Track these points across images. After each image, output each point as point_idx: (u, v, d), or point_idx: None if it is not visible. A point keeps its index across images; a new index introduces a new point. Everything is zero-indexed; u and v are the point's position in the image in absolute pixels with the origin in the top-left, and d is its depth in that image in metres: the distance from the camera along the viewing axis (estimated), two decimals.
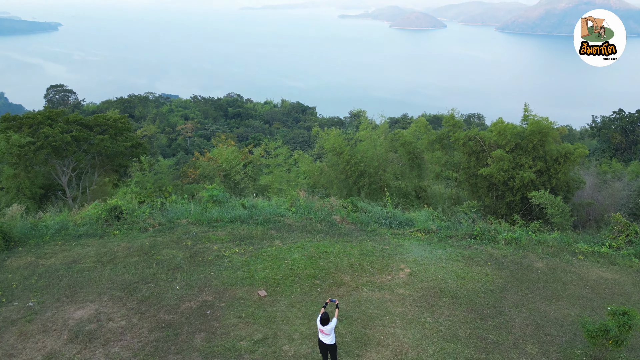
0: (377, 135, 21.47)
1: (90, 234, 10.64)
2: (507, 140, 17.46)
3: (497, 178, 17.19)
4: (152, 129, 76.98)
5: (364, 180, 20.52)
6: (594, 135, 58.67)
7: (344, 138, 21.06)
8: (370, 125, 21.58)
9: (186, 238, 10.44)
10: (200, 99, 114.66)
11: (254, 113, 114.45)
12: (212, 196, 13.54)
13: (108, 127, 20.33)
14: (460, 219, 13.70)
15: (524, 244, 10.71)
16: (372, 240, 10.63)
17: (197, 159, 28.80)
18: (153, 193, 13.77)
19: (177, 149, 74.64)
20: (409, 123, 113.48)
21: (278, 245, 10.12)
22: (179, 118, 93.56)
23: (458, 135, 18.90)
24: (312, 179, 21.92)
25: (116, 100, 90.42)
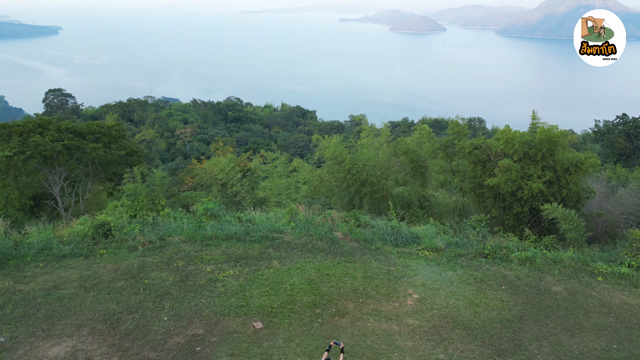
0: (379, 142, 20.83)
1: (75, 253, 9.95)
2: (514, 149, 16.81)
3: (505, 189, 16.53)
4: (151, 133, 76.43)
5: (366, 189, 19.86)
6: (597, 140, 58.07)
7: (345, 146, 20.42)
8: (372, 132, 20.94)
9: (177, 258, 9.75)
10: (199, 102, 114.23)
11: (254, 117, 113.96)
12: (207, 210, 12.86)
13: (102, 135, 19.68)
14: (468, 234, 13.04)
15: (539, 264, 10.02)
16: (377, 260, 9.94)
17: (195, 166, 28.18)
18: (145, 206, 13.08)
19: (176, 154, 74.03)
20: (410, 127, 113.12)
21: (276, 267, 9.43)
22: (178, 122, 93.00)
23: (463, 143, 18.24)
24: (312, 187, 21.28)
25: (115, 104, 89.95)
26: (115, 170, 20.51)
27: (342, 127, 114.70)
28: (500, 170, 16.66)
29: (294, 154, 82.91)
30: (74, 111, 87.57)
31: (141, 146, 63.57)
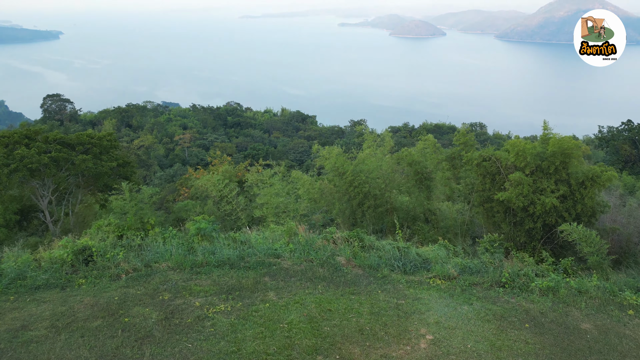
0: (382, 153, 19.95)
1: (51, 284, 9.02)
2: (526, 162, 15.92)
3: (516, 204, 15.62)
4: (149, 139, 75.68)
5: (369, 202, 18.96)
6: (602, 146, 57.24)
7: (346, 157, 19.55)
8: (375, 143, 20.07)
9: (164, 289, 8.82)
10: (199, 107, 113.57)
11: (254, 122, 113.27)
12: (200, 230, 11.95)
13: (92, 145, 18.79)
14: (481, 256, 12.13)
15: (563, 295, 9.09)
16: (384, 291, 9.01)
17: (191, 176, 27.29)
18: (134, 225, 12.16)
19: (175, 160, 73.24)
20: (410, 132, 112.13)
21: (272, 300, 8.50)
22: (177, 128, 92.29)
23: (471, 155, 17.36)
24: (312, 200, 20.39)
25: (114, 109, 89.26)
26: (106, 182, 19.60)
27: (343, 132, 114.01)
28: (511, 185, 15.76)
29: (294, 160, 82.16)
30: (72, 117, 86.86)
31: (135, 157, 62.79)
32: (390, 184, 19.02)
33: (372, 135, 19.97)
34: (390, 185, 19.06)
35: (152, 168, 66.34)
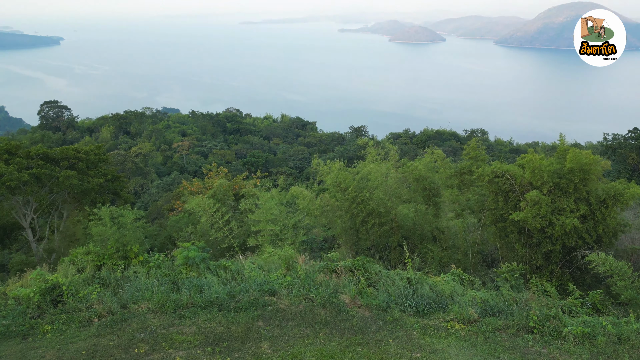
0: (386, 167, 18.79)
1: (11, 332, 7.82)
2: (543, 180, 14.76)
3: (533, 225, 14.45)
4: (147, 146, 74.62)
5: (373, 220, 17.77)
6: (608, 155, 56.08)
7: (348, 172, 18.38)
8: (379, 156, 18.91)
9: (140, 339, 7.61)
10: (198, 114, 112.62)
11: (253, 128, 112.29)
12: (187, 259, 10.77)
13: (78, 160, 17.63)
14: (499, 287, 10.95)
15: (602, 343, 7.88)
16: (396, 340, 7.80)
17: (185, 189, 26.13)
18: (115, 254, 10.97)
19: (173, 167, 72.12)
20: (411, 138, 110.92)
21: (266, 353, 7.29)
22: (176, 134, 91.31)
23: (482, 171, 16.18)
24: (313, 218, 19.20)
25: (112, 116, 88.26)
26: (93, 198, 18.41)
27: (343, 138, 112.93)
28: (527, 204, 14.59)
29: (294, 167, 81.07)
30: (69, 123, 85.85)
31: (132, 165, 61.76)
32: (396, 200, 17.82)
33: (375, 149, 18.77)
34: (396, 202, 17.86)
35: (149, 176, 65.24)
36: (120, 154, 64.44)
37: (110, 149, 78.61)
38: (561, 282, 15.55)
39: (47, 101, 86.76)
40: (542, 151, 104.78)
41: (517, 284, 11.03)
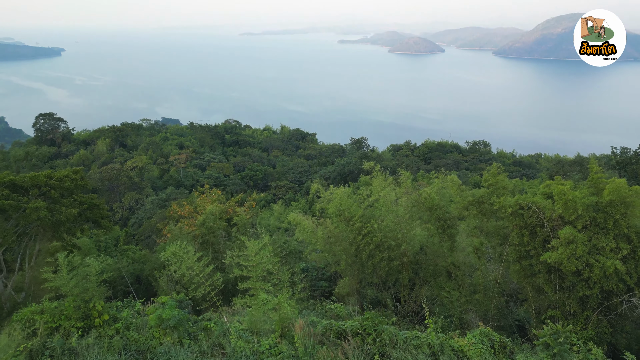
0: (396, 194, 16.92)
1: None
2: (577, 215, 12.90)
3: (568, 267, 12.55)
4: (143, 159, 72.87)
5: (381, 254, 15.87)
6: (618, 170, 54.35)
7: (354, 200, 16.53)
8: (387, 182, 17.04)
9: None
10: (196, 125, 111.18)
11: (252, 140, 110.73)
12: (162, 321, 8.85)
13: (50, 188, 15.75)
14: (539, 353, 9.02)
15: None
16: None
17: (175, 212, 24.25)
18: (74, 314, 9.04)
19: (169, 181, 70.24)
20: (412, 150, 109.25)
21: None
22: (174, 147, 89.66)
23: (504, 201, 14.33)
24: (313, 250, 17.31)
25: (108, 128, 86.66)
26: (68, 229, 16.48)
27: (343, 150, 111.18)
28: (560, 243, 12.71)
29: (293, 181, 79.18)
30: (65, 136, 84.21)
31: (126, 180, 59.92)
32: (408, 233, 15.91)
33: (383, 174, 16.91)
34: (408, 234, 15.94)
35: (144, 191, 63.38)
36: (115, 167, 62.66)
37: (105, 162, 76.88)
38: (598, 330, 13.61)
39: (43, 113, 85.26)
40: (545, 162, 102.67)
41: (562, 352, 9.09)
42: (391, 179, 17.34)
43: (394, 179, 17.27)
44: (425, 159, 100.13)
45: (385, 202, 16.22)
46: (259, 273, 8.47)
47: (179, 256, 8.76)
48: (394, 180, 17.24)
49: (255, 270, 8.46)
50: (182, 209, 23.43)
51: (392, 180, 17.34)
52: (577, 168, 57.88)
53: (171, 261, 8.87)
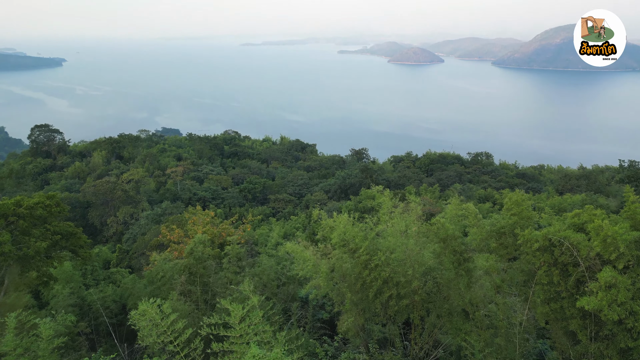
0: (406, 222, 15.26)
1: None
2: (619, 253, 11.23)
3: (610, 316, 10.84)
4: (139, 172, 71.28)
5: (391, 291, 14.15)
6: (630, 184, 52.74)
7: (359, 229, 14.86)
8: (397, 208, 15.39)
9: None
10: (195, 137, 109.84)
11: (252, 151, 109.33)
12: None
13: (18, 217, 14.07)
14: None
15: None
16: None
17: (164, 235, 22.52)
18: None
19: (166, 194, 68.54)
20: (414, 161, 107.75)
21: None
22: (171, 159, 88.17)
23: (530, 235, 12.65)
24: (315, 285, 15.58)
25: (104, 140, 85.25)
26: (39, 264, 14.74)
27: (344, 162, 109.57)
28: (599, 287, 11.01)
29: (293, 194, 77.44)
30: (60, 148, 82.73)
31: (121, 194, 58.21)
32: (419, 268, 14.18)
33: (392, 200, 15.23)
34: (419, 269, 14.21)
35: (140, 205, 61.68)
36: (110, 181, 61.02)
37: (101, 175, 75.28)
38: None
39: (38, 125, 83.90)
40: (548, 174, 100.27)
41: None
42: (402, 205, 15.67)
43: (404, 204, 15.60)
44: (426, 171, 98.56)
45: (393, 232, 14.55)
46: (244, 347, 6.74)
47: (151, 317, 7.06)
48: (404, 205, 15.57)
49: (240, 342, 6.75)
50: (171, 233, 21.71)
51: (402, 207, 15.67)
52: (585, 182, 56.33)
53: (140, 325, 7.17)
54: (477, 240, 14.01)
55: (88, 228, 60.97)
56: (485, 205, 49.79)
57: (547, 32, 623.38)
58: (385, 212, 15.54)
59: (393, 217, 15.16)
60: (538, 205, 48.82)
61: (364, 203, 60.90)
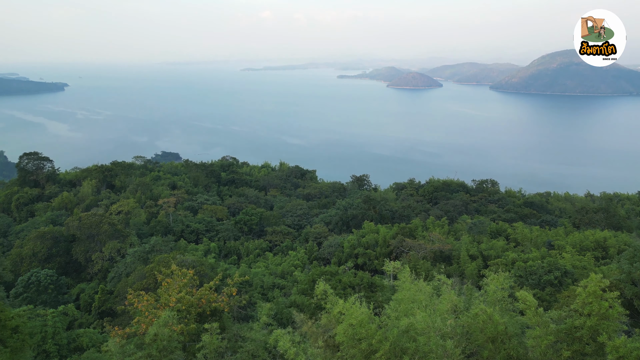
0: (437, 314, 11.47)
1: None
2: None
3: None
4: (130, 203, 67.40)
5: None
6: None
7: (377, 324, 11.08)
8: (425, 295, 11.64)
9: None
10: (191, 164, 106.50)
11: (249, 178, 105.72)
12: None
13: None
14: None
15: None
16: None
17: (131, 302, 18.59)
18: None
19: (157, 227, 64.44)
20: (417, 189, 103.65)
21: None
22: (165, 187, 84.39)
23: (622, 344, 8.93)
24: None
25: (95, 168, 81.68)
26: None
27: (344, 189, 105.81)
28: None
29: (292, 225, 73.32)
30: (49, 177, 79.17)
31: (108, 228, 54.23)
32: None
33: (415, 284, 11.46)
34: None
35: (127, 239, 57.50)
36: (96, 214, 57.06)
37: (90, 205, 71.44)
38: None
39: (27, 152, 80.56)
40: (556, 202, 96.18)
41: None
42: (427, 287, 11.87)
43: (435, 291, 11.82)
44: (430, 199, 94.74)
45: (424, 328, 10.74)
46: None
47: None
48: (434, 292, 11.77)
49: None
50: (140, 299, 17.80)
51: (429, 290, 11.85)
52: (603, 215, 52.60)
53: None
54: (541, 347, 10.16)
55: (72, 264, 56.70)
56: (499, 243, 45.81)
57: (544, 58, 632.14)
58: (408, 297, 11.78)
59: (419, 303, 11.35)
60: (557, 242, 44.85)
61: (367, 237, 56.98)
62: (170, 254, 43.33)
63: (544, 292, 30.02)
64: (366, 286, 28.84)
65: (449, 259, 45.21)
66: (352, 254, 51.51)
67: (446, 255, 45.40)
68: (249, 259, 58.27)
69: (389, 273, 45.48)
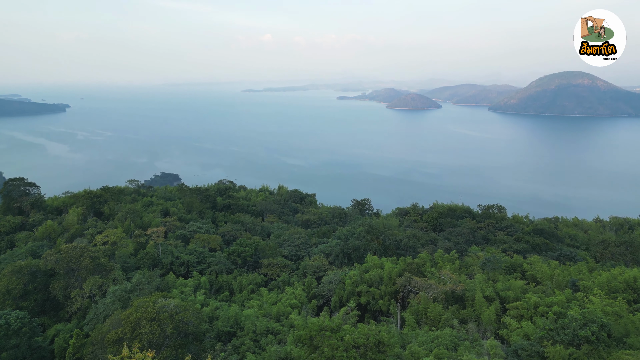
0: None
1: None
2: None
3: None
4: (116, 233, 62.95)
5: None
6: None
7: None
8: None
9: None
10: (186, 188, 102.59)
11: (246, 203, 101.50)
12: None
13: None
14: None
15: None
16: None
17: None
18: None
19: (144, 259, 59.83)
20: (421, 215, 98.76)
21: None
22: (157, 214, 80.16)
23: None
24: None
25: (83, 194, 77.60)
26: None
27: (345, 214, 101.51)
28: None
29: (289, 256, 68.88)
30: (34, 203, 75.18)
31: (89, 262, 49.92)
32: None
33: None
34: None
35: (111, 274, 52.89)
36: (77, 247, 52.67)
37: (75, 235, 67.02)
38: None
39: (12, 178, 76.83)
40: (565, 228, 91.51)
41: None
42: None
43: None
44: (435, 225, 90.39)
45: None
46: None
47: None
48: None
49: None
50: None
51: None
52: (626, 250, 48.44)
53: None
54: None
55: (50, 302, 51.95)
56: (517, 283, 41.46)
57: (542, 79, 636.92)
58: None
59: None
60: (582, 282, 40.49)
61: (370, 273, 52.52)
62: (152, 297, 38.69)
63: (580, 351, 25.66)
64: (373, 346, 24.47)
65: (462, 300, 40.78)
66: (355, 291, 46.95)
67: (458, 295, 41.03)
68: (242, 295, 53.57)
69: (396, 317, 41.09)
